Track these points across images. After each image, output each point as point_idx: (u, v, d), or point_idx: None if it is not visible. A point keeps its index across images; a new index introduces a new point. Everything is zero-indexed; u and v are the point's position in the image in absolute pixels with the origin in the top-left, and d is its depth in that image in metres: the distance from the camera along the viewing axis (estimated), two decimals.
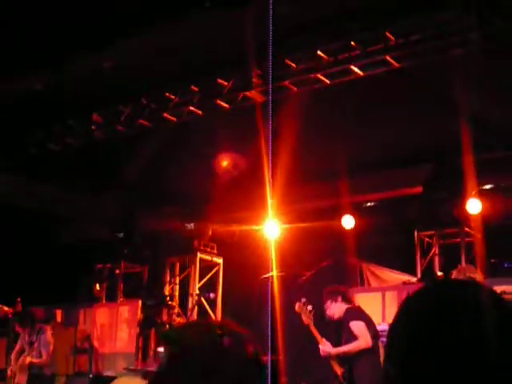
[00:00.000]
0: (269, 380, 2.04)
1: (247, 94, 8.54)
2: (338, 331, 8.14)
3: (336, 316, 8.06)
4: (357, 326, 7.84)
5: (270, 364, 1.93)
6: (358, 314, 8.10)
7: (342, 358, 7.93)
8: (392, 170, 10.30)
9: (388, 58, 7.52)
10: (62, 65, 8.08)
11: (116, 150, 10.39)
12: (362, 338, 7.79)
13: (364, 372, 7.75)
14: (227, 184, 9.97)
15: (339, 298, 8.09)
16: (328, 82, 8.05)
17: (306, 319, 8.16)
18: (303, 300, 8.22)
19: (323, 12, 7.20)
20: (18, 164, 11.06)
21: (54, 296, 11.53)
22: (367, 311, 8.29)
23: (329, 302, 8.11)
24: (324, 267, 11.02)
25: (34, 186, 12.00)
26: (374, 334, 7.88)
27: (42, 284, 11.12)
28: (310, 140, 9.06)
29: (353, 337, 7.83)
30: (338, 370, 7.96)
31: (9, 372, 9.95)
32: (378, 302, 10.05)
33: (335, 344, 8.02)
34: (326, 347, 8.00)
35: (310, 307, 8.16)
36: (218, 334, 1.80)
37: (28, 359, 9.88)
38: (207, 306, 11.57)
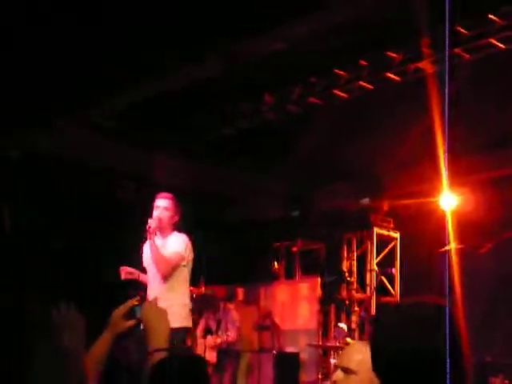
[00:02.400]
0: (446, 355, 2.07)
1: (418, 65, 8.42)
2: None
3: None
4: None
5: (448, 342, 1.95)
6: None
7: None
8: None
9: None
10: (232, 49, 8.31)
11: (286, 129, 10.52)
12: None
13: None
14: (401, 157, 9.85)
15: None
16: (503, 46, 7.79)
17: None
18: None
19: None
20: (190, 148, 11.42)
21: (235, 275, 11.84)
22: None
23: None
24: (507, 238, 10.67)
25: (206, 168, 12.35)
26: None
27: (222, 264, 11.44)
28: (483, 108, 8.80)
29: None
30: None
31: (197, 348, 10.26)
32: None
33: None
34: None
35: None
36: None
37: (218, 339, 10.18)
38: (386, 282, 11.52)
